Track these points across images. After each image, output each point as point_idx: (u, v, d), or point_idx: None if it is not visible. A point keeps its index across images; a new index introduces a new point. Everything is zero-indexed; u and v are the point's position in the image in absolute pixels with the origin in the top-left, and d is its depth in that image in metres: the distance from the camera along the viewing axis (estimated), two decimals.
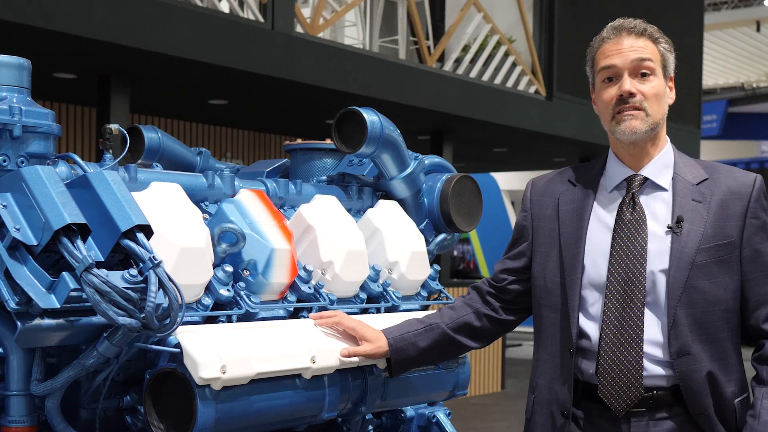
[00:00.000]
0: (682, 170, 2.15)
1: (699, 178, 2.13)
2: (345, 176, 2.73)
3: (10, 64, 1.98)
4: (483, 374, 10.04)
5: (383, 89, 8.16)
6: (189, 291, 2.06)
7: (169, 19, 6.34)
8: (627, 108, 2.10)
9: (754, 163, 16.54)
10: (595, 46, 2.19)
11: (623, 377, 2.06)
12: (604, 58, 2.14)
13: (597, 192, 2.19)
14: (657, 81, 2.13)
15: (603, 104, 2.15)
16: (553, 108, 10.35)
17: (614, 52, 2.13)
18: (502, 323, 2.33)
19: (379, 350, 2.23)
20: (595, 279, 2.12)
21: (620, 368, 2.06)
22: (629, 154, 2.16)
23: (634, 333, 2.06)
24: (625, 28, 2.15)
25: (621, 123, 2.11)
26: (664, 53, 2.16)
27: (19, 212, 1.82)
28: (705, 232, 2.07)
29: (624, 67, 2.11)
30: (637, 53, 2.11)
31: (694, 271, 2.05)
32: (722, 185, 2.12)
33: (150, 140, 2.73)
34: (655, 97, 2.11)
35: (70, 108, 8.89)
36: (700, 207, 2.09)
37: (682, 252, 2.06)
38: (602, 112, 2.16)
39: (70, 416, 2.01)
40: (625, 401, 2.06)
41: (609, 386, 2.07)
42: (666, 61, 2.17)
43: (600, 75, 2.15)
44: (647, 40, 2.14)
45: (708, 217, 2.08)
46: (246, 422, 2.01)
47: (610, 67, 2.13)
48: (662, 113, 2.14)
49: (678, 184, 2.13)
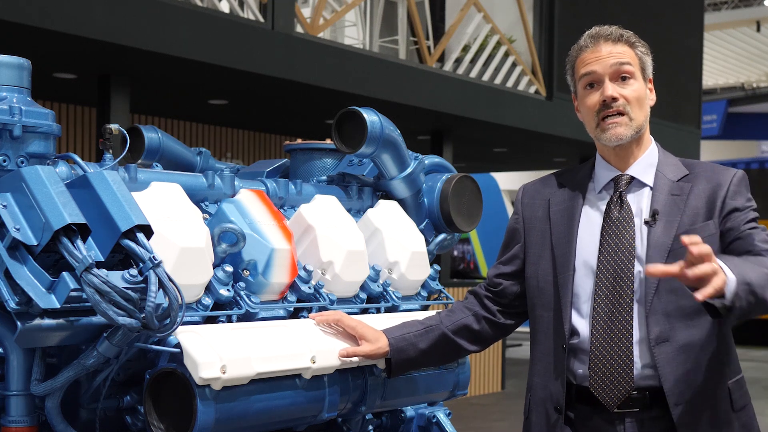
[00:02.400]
0: (664, 168, 2.20)
1: (679, 175, 2.18)
2: (345, 176, 2.73)
3: (10, 64, 1.98)
4: (483, 374, 10.04)
5: (383, 89, 8.16)
6: (189, 291, 2.06)
7: (169, 19, 6.34)
8: (611, 113, 2.15)
9: (754, 163, 16.51)
10: (574, 55, 2.23)
11: (614, 372, 2.09)
12: (583, 66, 2.19)
13: (586, 193, 2.24)
14: (637, 84, 2.17)
15: (587, 111, 2.19)
16: (553, 108, 10.35)
17: (593, 59, 2.17)
18: (501, 326, 2.35)
19: (379, 350, 2.23)
20: (586, 276, 2.16)
21: (611, 363, 2.09)
22: (615, 155, 2.21)
23: (624, 328, 2.10)
24: (602, 35, 2.19)
25: (606, 131, 2.16)
26: (642, 57, 2.21)
27: (19, 212, 1.82)
28: (681, 221, 2.12)
29: (604, 73, 2.16)
30: (616, 58, 2.16)
31: (671, 258, 2.07)
32: (701, 178, 2.17)
33: (150, 140, 2.73)
34: (636, 100, 2.16)
35: (70, 108, 8.89)
36: (677, 200, 2.14)
37: (658, 242, 2.11)
38: (586, 119, 2.21)
39: (70, 416, 2.01)
40: (616, 396, 2.09)
41: (600, 381, 2.10)
42: (644, 64, 2.21)
43: (581, 82, 2.20)
44: (624, 45, 2.19)
45: (685, 208, 2.13)
46: (246, 422, 2.01)
47: (591, 73, 2.17)
48: (645, 115, 2.19)
49: (658, 180, 2.18)
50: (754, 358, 13.98)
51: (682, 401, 2.07)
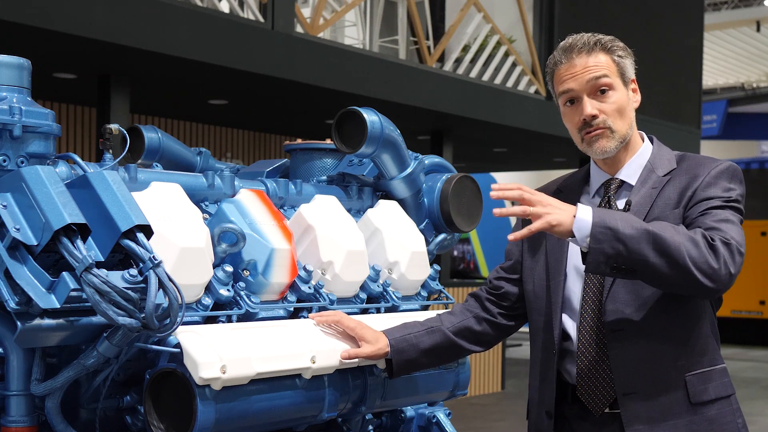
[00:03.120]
0: (655, 163, 2.18)
1: (668, 170, 2.16)
2: (345, 176, 2.73)
3: (10, 64, 1.98)
4: (483, 374, 10.04)
5: (383, 89, 8.16)
6: (189, 291, 2.06)
7: (169, 19, 6.34)
8: (592, 130, 2.13)
9: (754, 163, 16.51)
10: (551, 69, 2.20)
11: (599, 376, 2.09)
12: (560, 83, 2.16)
13: (581, 197, 2.24)
14: (617, 95, 2.13)
15: (570, 127, 2.19)
16: (553, 108, 10.30)
17: (569, 76, 2.14)
18: (502, 328, 2.35)
19: (379, 351, 2.23)
20: (577, 280, 2.16)
21: (596, 367, 2.09)
22: (604, 162, 2.22)
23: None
24: (575, 47, 2.14)
25: (591, 145, 2.15)
26: (620, 61, 2.15)
27: (19, 212, 1.82)
28: (651, 211, 2.09)
29: (582, 90, 2.12)
30: (591, 73, 2.12)
31: None
32: (683, 170, 2.14)
33: (150, 140, 2.73)
34: (617, 112, 2.13)
35: (70, 108, 8.89)
36: (653, 192, 2.12)
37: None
38: (572, 133, 2.20)
39: (70, 416, 2.01)
40: (601, 400, 2.09)
41: (586, 386, 2.11)
42: (623, 68, 2.16)
43: (561, 99, 2.18)
44: (600, 52, 2.13)
45: (657, 199, 2.10)
46: (246, 422, 2.01)
47: (568, 91, 2.14)
48: (628, 124, 2.16)
49: (643, 175, 2.16)
50: (754, 358, 13.98)
51: (630, 391, 2.05)
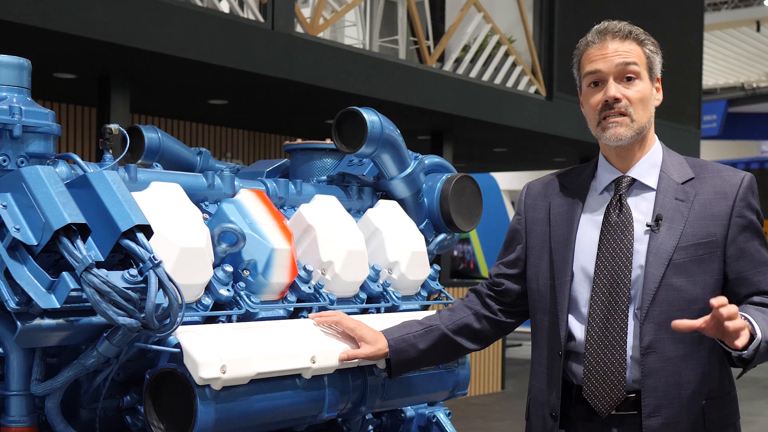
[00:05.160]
0: (669, 169, 2.16)
1: (685, 177, 2.14)
2: (345, 176, 2.73)
3: (10, 64, 1.98)
4: (483, 374, 10.04)
5: (383, 89, 8.16)
6: (189, 291, 2.06)
7: (169, 19, 6.34)
8: (612, 113, 2.10)
9: (754, 163, 16.53)
10: (581, 50, 2.18)
11: (607, 378, 2.07)
12: (589, 63, 2.14)
13: (588, 194, 2.21)
14: (642, 85, 2.12)
15: (589, 108, 2.16)
16: (553, 108, 10.35)
17: (599, 56, 2.12)
18: (502, 325, 2.34)
19: (378, 352, 2.22)
20: (584, 281, 2.14)
21: (604, 369, 2.08)
22: (617, 156, 2.17)
23: (618, 335, 2.08)
24: (610, 31, 2.13)
25: (606, 130, 2.12)
26: (650, 55, 2.15)
27: (19, 212, 1.82)
28: (684, 231, 2.07)
29: (609, 72, 2.11)
30: (622, 57, 2.10)
31: (670, 269, 2.05)
32: (708, 185, 2.12)
33: (150, 140, 2.73)
34: (640, 101, 2.11)
35: (70, 108, 8.89)
36: (681, 206, 2.10)
37: (659, 249, 2.07)
38: (589, 117, 2.17)
39: (70, 416, 2.01)
40: (609, 402, 2.07)
41: (593, 387, 2.09)
42: (652, 63, 2.15)
43: (586, 80, 2.15)
44: (632, 42, 2.12)
45: (689, 216, 2.09)
46: (246, 422, 2.01)
47: (595, 72, 2.12)
48: (648, 116, 2.14)
49: (663, 182, 2.14)
50: None
51: (655, 413, 2.05)
